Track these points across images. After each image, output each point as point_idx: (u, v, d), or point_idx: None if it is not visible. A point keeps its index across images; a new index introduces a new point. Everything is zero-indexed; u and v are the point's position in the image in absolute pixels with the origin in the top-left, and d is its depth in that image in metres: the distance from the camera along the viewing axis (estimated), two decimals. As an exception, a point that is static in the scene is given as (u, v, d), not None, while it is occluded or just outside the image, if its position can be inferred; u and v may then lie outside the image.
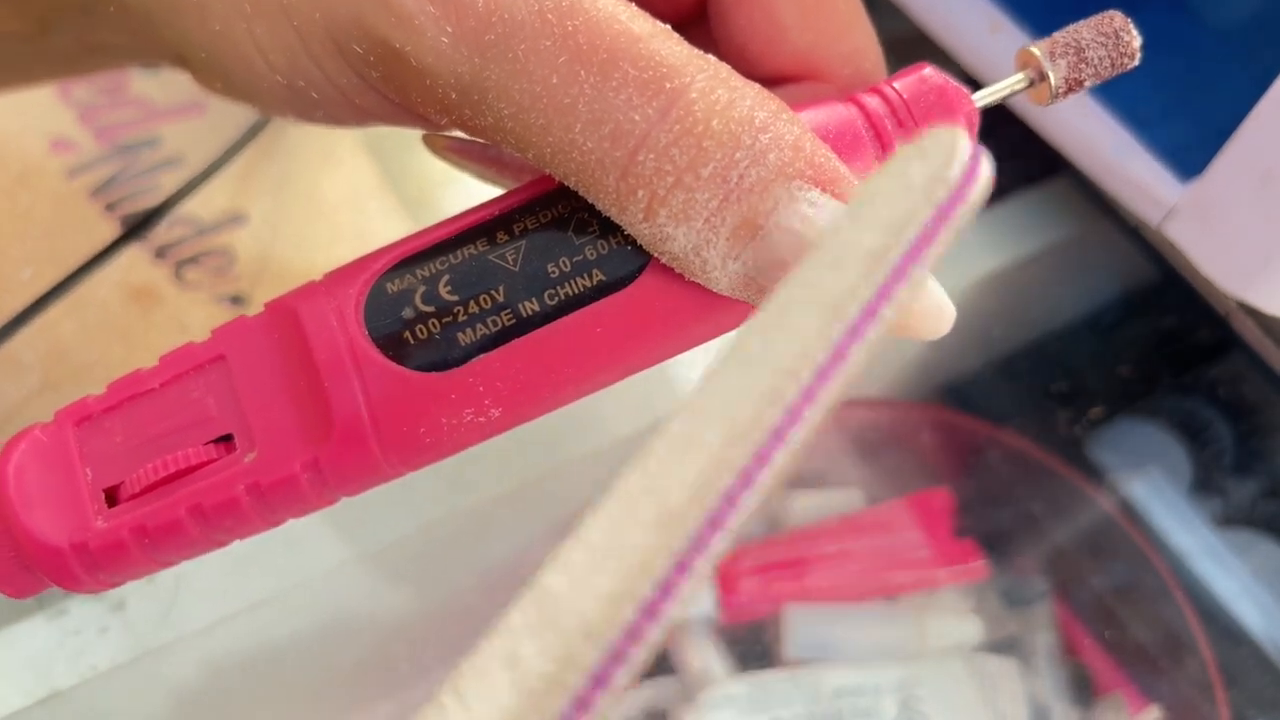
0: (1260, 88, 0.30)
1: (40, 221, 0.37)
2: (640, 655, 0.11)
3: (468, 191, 0.25)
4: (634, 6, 0.19)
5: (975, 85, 0.21)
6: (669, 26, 0.19)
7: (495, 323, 0.19)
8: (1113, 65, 0.21)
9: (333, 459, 0.19)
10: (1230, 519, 0.39)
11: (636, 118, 0.18)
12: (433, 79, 0.19)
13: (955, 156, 0.13)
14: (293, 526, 0.31)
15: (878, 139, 0.20)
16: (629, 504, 0.13)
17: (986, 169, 0.14)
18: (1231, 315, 0.36)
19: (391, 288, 0.20)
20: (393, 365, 0.19)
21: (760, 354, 0.13)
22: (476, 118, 0.19)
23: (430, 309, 0.19)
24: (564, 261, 0.20)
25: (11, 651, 0.28)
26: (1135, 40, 0.21)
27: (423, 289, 0.20)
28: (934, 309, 0.19)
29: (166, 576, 0.30)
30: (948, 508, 0.37)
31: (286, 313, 0.20)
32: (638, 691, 0.35)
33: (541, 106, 0.18)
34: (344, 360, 0.19)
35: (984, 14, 0.36)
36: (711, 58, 0.19)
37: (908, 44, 0.42)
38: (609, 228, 0.20)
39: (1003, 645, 0.36)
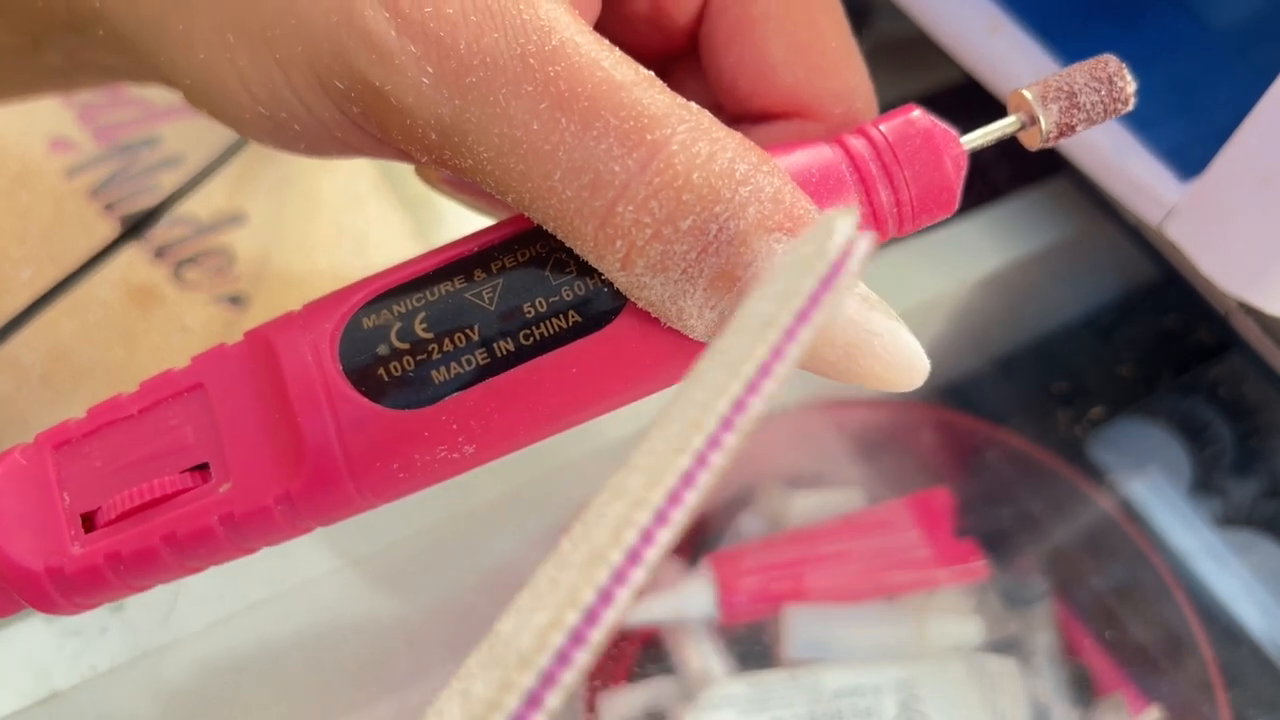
0: (1260, 87, 0.30)
1: (39, 221, 0.36)
2: (570, 677, 0.13)
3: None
4: (618, 53, 0.19)
5: (975, 88, 0.21)
6: (652, 74, 0.19)
7: (470, 361, 0.19)
8: (1105, 110, 0.21)
9: (305, 493, 0.19)
10: (1230, 519, 0.39)
11: (616, 168, 0.18)
12: (413, 119, 0.19)
13: (835, 234, 0.15)
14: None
15: (861, 182, 0.20)
16: (567, 550, 0.14)
17: (864, 243, 0.15)
18: (1232, 315, 0.36)
19: (367, 323, 0.20)
20: (366, 402, 0.19)
21: (677, 411, 0.15)
22: (456, 158, 0.19)
23: (405, 346, 0.19)
24: (540, 302, 0.20)
25: (11, 652, 0.28)
26: (1129, 86, 0.21)
27: (398, 325, 0.20)
28: (906, 361, 0.19)
29: (166, 577, 0.30)
30: (948, 508, 0.37)
31: (263, 344, 0.20)
32: (638, 692, 0.35)
33: (521, 152, 0.18)
34: (318, 395, 0.19)
35: (984, 14, 0.36)
36: (694, 107, 0.19)
37: (908, 44, 0.42)
38: (586, 269, 0.19)
39: (1003, 645, 0.36)
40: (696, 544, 0.38)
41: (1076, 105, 0.20)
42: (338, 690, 0.35)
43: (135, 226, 0.36)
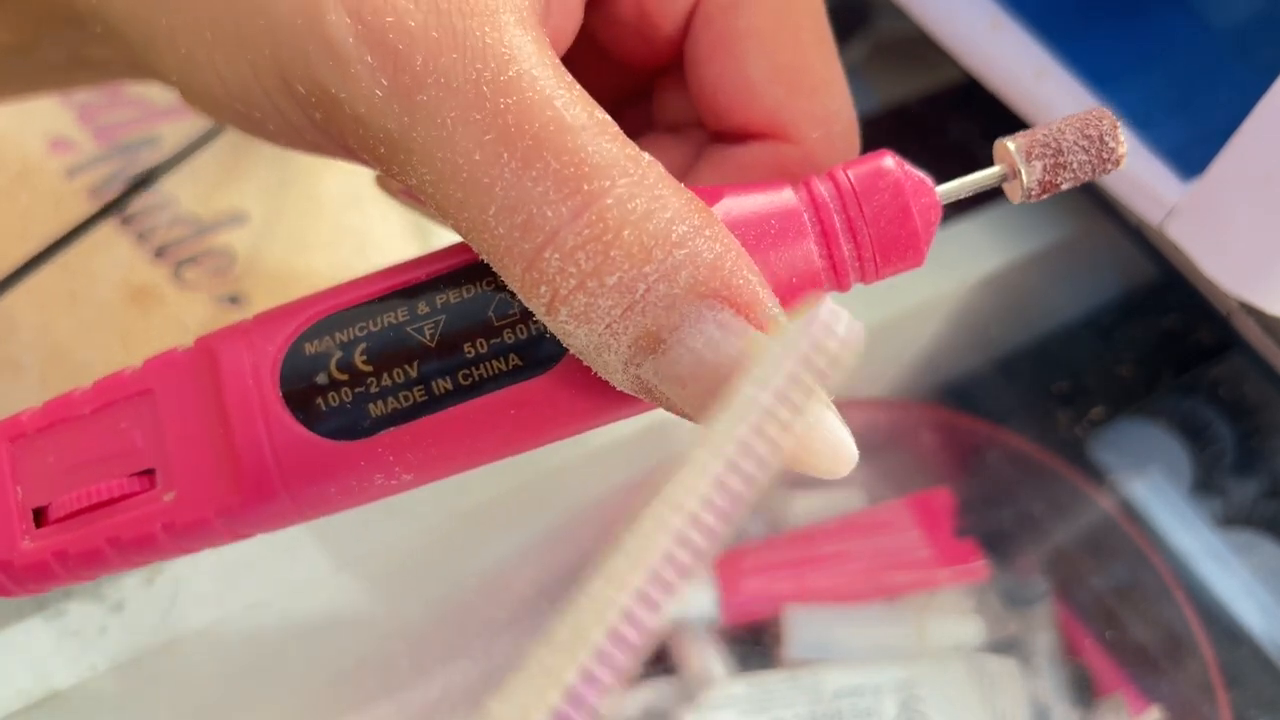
0: (1261, 87, 0.30)
1: (40, 221, 0.36)
2: None
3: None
4: (577, 92, 0.18)
5: (975, 87, 0.21)
6: (609, 120, 0.18)
7: (407, 398, 0.19)
8: (1094, 170, 0.20)
9: (244, 508, 0.20)
10: (1231, 519, 0.39)
11: (549, 213, 0.17)
12: (365, 129, 0.18)
13: (816, 319, 0.16)
14: (292, 530, 0.31)
15: (822, 232, 0.20)
16: (555, 632, 0.15)
17: (844, 324, 0.16)
18: (1233, 315, 0.36)
19: (309, 348, 0.20)
20: (302, 429, 0.20)
21: (664, 492, 0.15)
22: (403, 174, 0.19)
23: (344, 376, 0.20)
24: (481, 343, 0.20)
25: (10, 652, 0.28)
26: (1120, 147, 0.20)
27: (339, 355, 0.20)
28: (832, 452, 0.18)
29: (166, 578, 0.30)
30: (948, 508, 0.37)
31: (209, 355, 0.20)
32: (638, 692, 0.35)
33: (461, 180, 0.18)
34: (255, 418, 0.20)
35: (984, 12, 0.36)
36: (645, 159, 0.18)
37: (908, 43, 0.42)
38: (529, 313, 0.19)
39: (1003, 645, 0.36)
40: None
41: (1062, 164, 0.20)
42: (338, 690, 0.35)
43: (113, 203, 0.36)
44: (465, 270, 0.20)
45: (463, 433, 0.20)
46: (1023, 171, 0.20)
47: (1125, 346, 0.42)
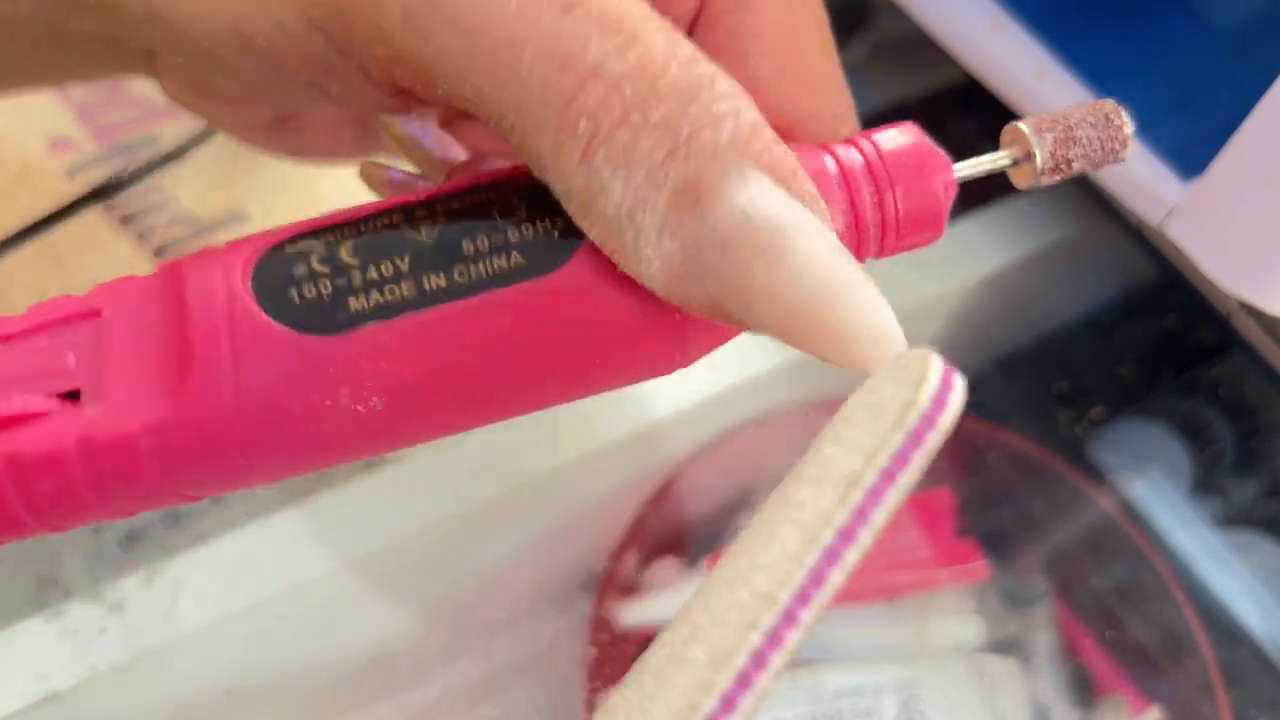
0: (1261, 87, 0.30)
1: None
2: None
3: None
4: None
5: (975, 87, 0.21)
6: None
7: (393, 292, 0.17)
8: (1103, 148, 0.20)
9: (181, 425, 0.17)
10: (1231, 519, 0.39)
11: (593, 49, 0.17)
12: (379, 12, 0.18)
13: (927, 381, 0.14)
14: (291, 528, 0.31)
15: (848, 194, 0.19)
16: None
17: (959, 393, 0.14)
18: (1233, 315, 0.36)
19: (290, 248, 0.18)
20: (268, 320, 0.17)
21: (743, 574, 0.13)
22: (423, 47, 0.18)
23: (325, 270, 0.17)
24: (481, 239, 0.18)
25: (10, 652, 0.28)
26: (1127, 126, 0.20)
27: (321, 250, 0.18)
28: (877, 327, 0.17)
29: (166, 578, 0.30)
30: (948, 508, 0.37)
31: (174, 272, 0.18)
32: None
33: (493, 32, 0.17)
34: (217, 310, 0.17)
35: (985, 12, 0.36)
36: (680, 29, 0.18)
37: (908, 43, 0.42)
38: (537, 213, 0.18)
39: (1003, 645, 0.36)
40: (697, 545, 0.38)
41: (1073, 139, 0.20)
42: (338, 690, 0.35)
43: (105, 191, 0.36)
44: (469, 189, 0.18)
45: (450, 340, 0.17)
46: (1035, 145, 0.20)
47: (1125, 346, 0.42)
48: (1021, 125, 0.20)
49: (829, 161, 0.19)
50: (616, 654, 0.35)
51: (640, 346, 0.18)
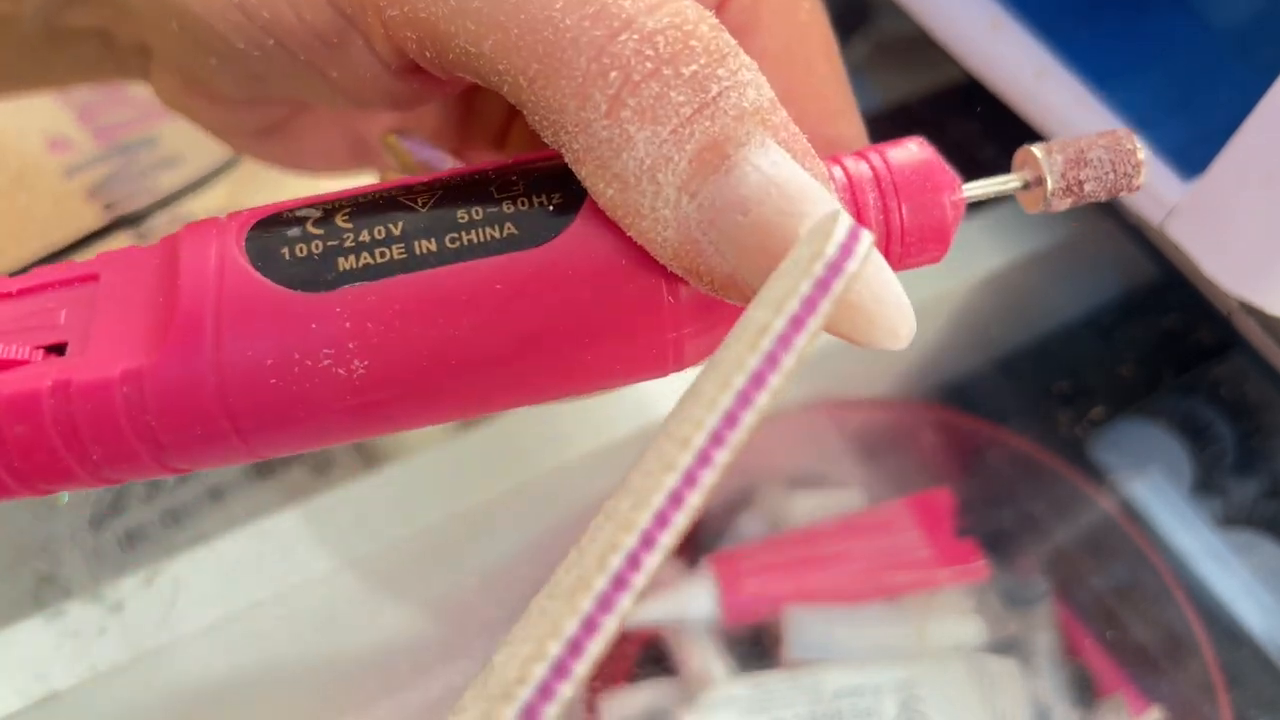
0: (1262, 86, 0.30)
1: (39, 220, 0.36)
2: (553, 710, 0.13)
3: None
4: None
5: (975, 87, 0.21)
6: None
7: (383, 254, 0.17)
8: (1115, 175, 0.20)
9: (158, 370, 0.17)
10: (1231, 519, 0.39)
11: (627, 3, 0.17)
12: None
13: (833, 234, 0.14)
14: (291, 528, 0.31)
15: (853, 203, 0.19)
16: (559, 577, 0.14)
17: (865, 242, 0.14)
18: (1233, 315, 0.36)
19: (287, 214, 0.18)
20: (256, 275, 0.17)
21: (671, 426, 0.14)
22: (436, 6, 0.18)
23: (318, 231, 0.17)
24: (476, 210, 0.18)
25: (9, 652, 0.28)
26: (1140, 153, 0.20)
27: (318, 214, 0.18)
28: (891, 315, 0.17)
29: (166, 578, 0.30)
30: (949, 508, 0.37)
31: (174, 238, 0.18)
32: (638, 692, 0.35)
33: None
34: (208, 267, 0.17)
35: (985, 12, 0.36)
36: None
37: (908, 43, 0.42)
38: (534, 189, 0.18)
39: (1004, 646, 0.36)
40: (697, 545, 0.38)
41: (1085, 164, 0.20)
42: (338, 690, 0.35)
43: (127, 219, 0.36)
44: (465, 173, 0.19)
45: (436, 305, 0.17)
46: (1045, 169, 0.20)
47: (1125, 346, 0.42)
48: (1034, 149, 0.20)
49: (836, 172, 0.19)
50: (617, 654, 0.35)
51: (629, 326, 0.18)
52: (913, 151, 0.19)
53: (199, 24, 0.20)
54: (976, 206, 0.21)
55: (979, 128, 0.43)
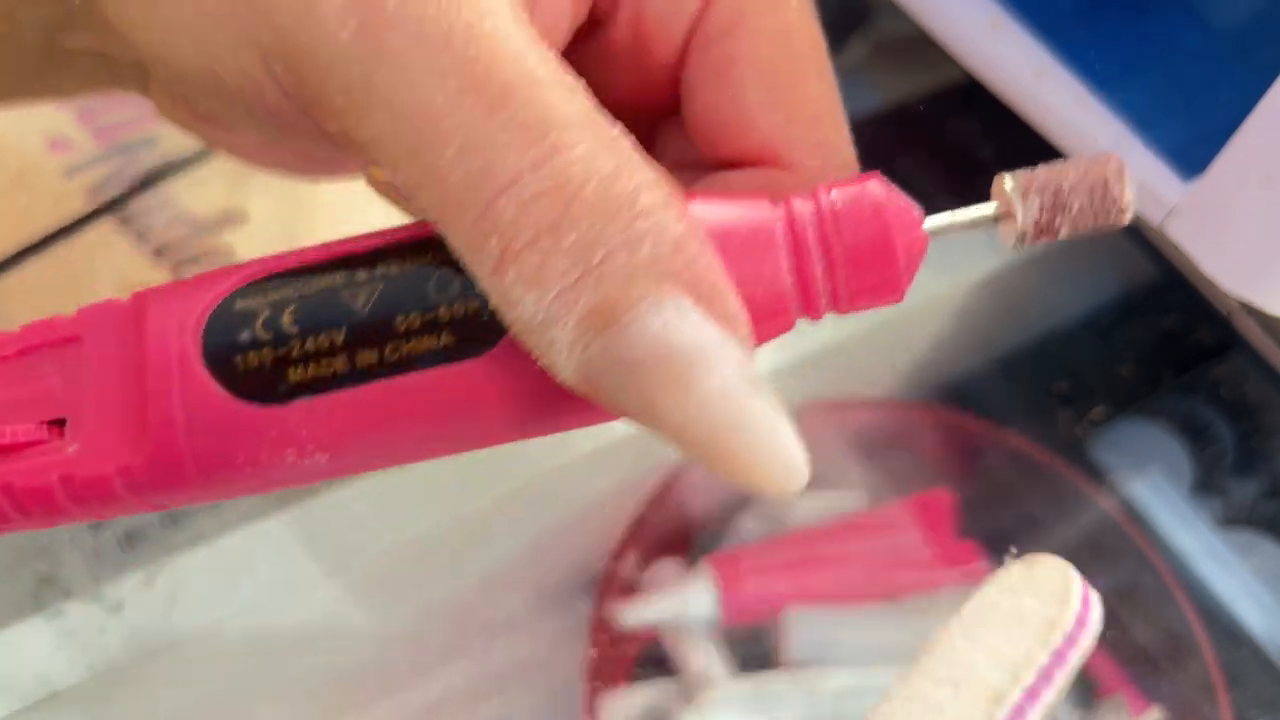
0: (1262, 86, 0.30)
1: (38, 220, 0.36)
2: None
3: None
4: (551, 55, 0.18)
5: (975, 87, 0.21)
6: (580, 85, 0.18)
7: (329, 365, 0.18)
8: (1095, 217, 0.19)
9: (146, 470, 0.19)
10: (1232, 519, 0.39)
11: (511, 159, 0.17)
12: (326, 77, 0.18)
13: (1070, 601, 0.14)
14: (291, 529, 0.31)
15: (794, 252, 0.18)
16: None
17: (1098, 614, 0.14)
18: (1233, 315, 0.36)
19: (240, 304, 0.19)
20: (216, 387, 0.19)
21: None
22: (359, 128, 0.18)
23: (268, 337, 0.19)
24: (415, 317, 0.18)
25: (10, 652, 0.28)
26: (1127, 194, 0.18)
27: (267, 313, 0.19)
28: (782, 464, 0.17)
29: (166, 578, 0.30)
30: (949, 509, 0.37)
31: (141, 310, 0.19)
32: (638, 692, 0.35)
33: (418, 124, 0.17)
34: (171, 373, 0.19)
35: (985, 12, 0.36)
36: (618, 130, 0.17)
37: (908, 43, 0.42)
38: (472, 290, 0.18)
39: (1004, 646, 0.36)
40: (697, 545, 0.38)
41: (1062, 204, 0.18)
42: (338, 690, 0.35)
43: (116, 202, 0.36)
44: (412, 244, 0.19)
45: (382, 414, 0.18)
46: (1019, 209, 0.19)
47: (1125, 346, 0.42)
48: (1008, 182, 0.19)
49: (779, 216, 0.19)
50: (616, 654, 0.35)
51: (569, 424, 0.19)
52: (865, 189, 0.19)
53: (182, 78, 0.21)
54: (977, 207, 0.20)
55: (979, 128, 0.43)
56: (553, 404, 0.19)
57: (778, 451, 0.17)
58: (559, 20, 0.21)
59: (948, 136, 0.44)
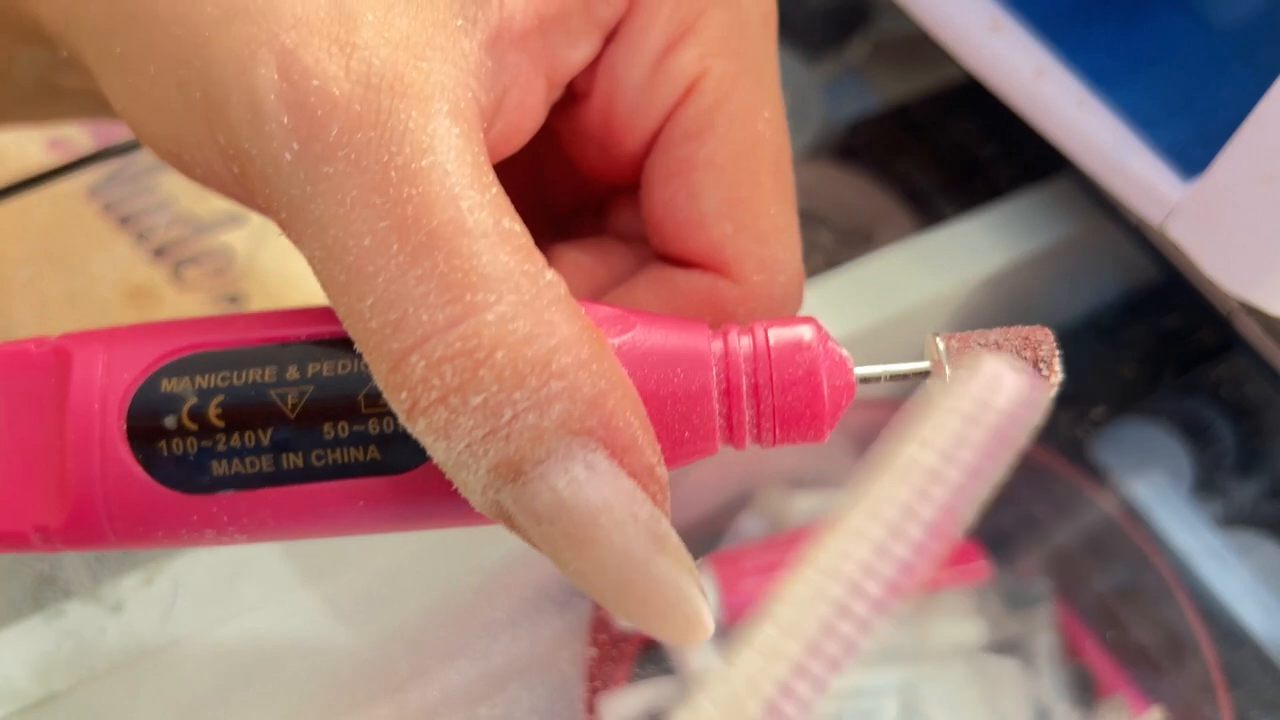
0: (1262, 86, 0.30)
1: (39, 220, 0.36)
2: None
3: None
4: (490, 196, 0.17)
5: (975, 87, 0.21)
6: (516, 230, 0.17)
7: (254, 464, 0.19)
8: None
9: (63, 532, 0.19)
10: (1232, 520, 0.39)
11: (424, 317, 0.17)
12: (270, 190, 0.18)
13: (1001, 384, 0.15)
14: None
15: (727, 391, 0.19)
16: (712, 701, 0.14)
17: (1036, 391, 0.15)
18: (1234, 315, 0.36)
19: (166, 385, 0.19)
20: (138, 470, 0.19)
21: (831, 566, 0.14)
22: (300, 244, 0.18)
23: (194, 426, 0.19)
24: (343, 426, 0.18)
25: (9, 652, 0.28)
26: (1055, 375, 0.19)
27: (193, 400, 0.19)
28: (683, 621, 0.18)
29: (165, 579, 0.30)
30: (949, 508, 0.37)
31: (64, 361, 0.19)
32: (638, 692, 0.35)
33: (347, 263, 0.17)
34: (93, 450, 0.19)
35: (985, 12, 0.36)
36: (547, 278, 0.17)
37: (908, 43, 0.42)
38: None
39: (1004, 647, 0.36)
40: (696, 544, 0.38)
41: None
42: (337, 691, 0.35)
43: (80, 162, 0.36)
44: (346, 340, 0.18)
45: (304, 513, 0.19)
46: (945, 368, 0.19)
47: (1126, 346, 0.42)
48: (939, 345, 0.19)
49: (717, 352, 0.19)
50: (616, 654, 0.35)
51: (477, 525, 0.19)
52: (798, 336, 0.19)
53: (145, 140, 0.21)
54: (979, 205, 0.20)
55: (979, 128, 0.43)
56: (470, 518, 0.19)
57: (679, 608, 0.18)
58: (534, 102, 0.21)
59: (948, 136, 0.44)
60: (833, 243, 0.43)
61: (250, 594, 0.30)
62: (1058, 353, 0.19)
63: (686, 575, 0.18)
